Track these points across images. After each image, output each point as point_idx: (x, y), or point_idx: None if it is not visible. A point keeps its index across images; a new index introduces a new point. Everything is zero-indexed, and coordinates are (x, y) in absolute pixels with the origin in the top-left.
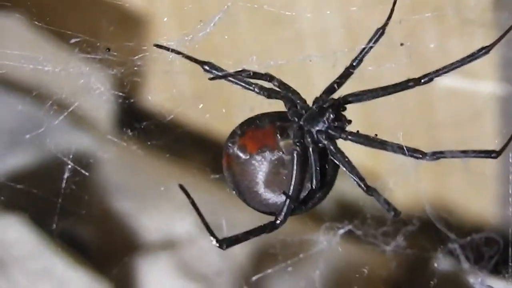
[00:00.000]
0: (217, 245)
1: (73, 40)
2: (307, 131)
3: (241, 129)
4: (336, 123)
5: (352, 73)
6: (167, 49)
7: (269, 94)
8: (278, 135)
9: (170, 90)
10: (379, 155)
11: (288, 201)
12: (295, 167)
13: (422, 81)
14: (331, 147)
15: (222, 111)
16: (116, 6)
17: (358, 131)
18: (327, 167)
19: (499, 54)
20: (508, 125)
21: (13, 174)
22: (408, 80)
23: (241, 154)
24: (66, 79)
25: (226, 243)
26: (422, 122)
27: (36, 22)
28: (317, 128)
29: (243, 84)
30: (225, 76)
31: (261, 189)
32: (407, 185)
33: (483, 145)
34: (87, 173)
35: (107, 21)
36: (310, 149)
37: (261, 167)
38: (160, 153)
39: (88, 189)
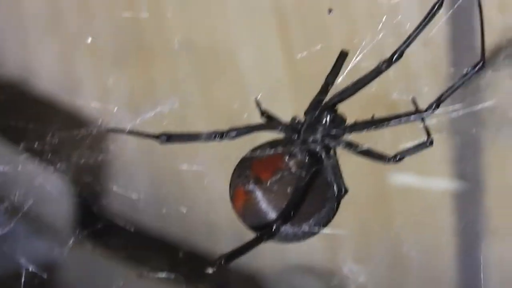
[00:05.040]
0: (215, 267)
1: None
2: (312, 141)
3: (246, 164)
4: (335, 122)
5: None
6: (121, 131)
7: (256, 128)
8: (285, 157)
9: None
10: (335, 252)
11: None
12: (308, 178)
13: (394, 58)
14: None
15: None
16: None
17: (355, 121)
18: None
19: (453, 150)
20: (462, 221)
21: None
22: (381, 63)
23: (258, 186)
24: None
25: (225, 259)
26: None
27: None
28: (320, 134)
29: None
30: (185, 141)
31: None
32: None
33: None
34: (44, 276)
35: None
36: (322, 155)
37: (280, 190)
38: (116, 254)
39: None
